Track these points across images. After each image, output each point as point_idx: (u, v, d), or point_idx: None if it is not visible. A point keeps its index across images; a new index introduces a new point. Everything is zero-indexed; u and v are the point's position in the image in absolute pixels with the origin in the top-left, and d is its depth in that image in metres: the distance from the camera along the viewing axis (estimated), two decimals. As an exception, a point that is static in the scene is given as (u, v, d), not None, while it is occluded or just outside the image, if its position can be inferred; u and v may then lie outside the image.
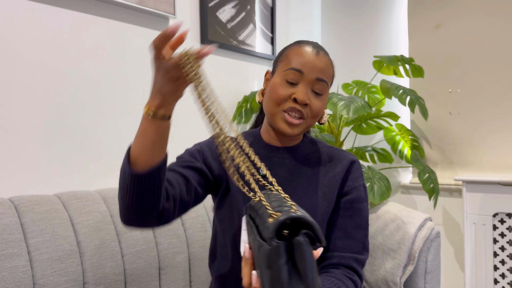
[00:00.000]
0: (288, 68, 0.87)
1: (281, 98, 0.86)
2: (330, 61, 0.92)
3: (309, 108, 0.87)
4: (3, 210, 0.97)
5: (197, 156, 0.92)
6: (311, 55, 0.87)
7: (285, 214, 0.54)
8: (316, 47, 0.90)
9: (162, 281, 1.21)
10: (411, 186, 2.14)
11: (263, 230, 0.56)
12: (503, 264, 1.75)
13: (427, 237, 1.23)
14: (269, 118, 0.90)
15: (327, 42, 2.43)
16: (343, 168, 0.94)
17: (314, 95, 0.88)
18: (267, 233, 0.53)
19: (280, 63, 0.91)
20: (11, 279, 0.91)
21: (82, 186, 1.30)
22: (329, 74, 0.90)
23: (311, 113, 0.88)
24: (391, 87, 1.73)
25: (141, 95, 1.48)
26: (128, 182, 0.69)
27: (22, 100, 1.17)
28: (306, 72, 0.86)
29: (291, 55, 0.89)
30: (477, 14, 1.92)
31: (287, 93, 0.86)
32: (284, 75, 0.87)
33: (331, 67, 0.91)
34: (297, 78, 0.86)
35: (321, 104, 0.89)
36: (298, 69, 0.86)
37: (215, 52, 1.78)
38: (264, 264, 0.54)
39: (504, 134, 1.87)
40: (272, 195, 0.66)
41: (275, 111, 0.88)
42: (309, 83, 0.87)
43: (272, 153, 0.94)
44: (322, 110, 0.90)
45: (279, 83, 0.87)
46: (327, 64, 0.89)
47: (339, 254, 0.89)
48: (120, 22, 1.42)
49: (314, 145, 0.99)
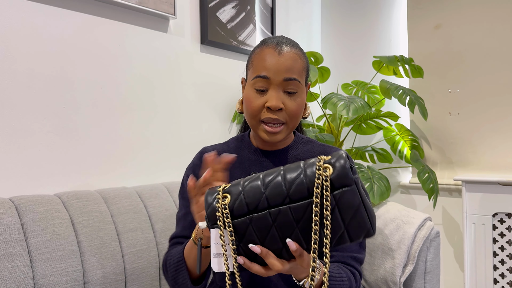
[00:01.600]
0: (254, 77, 0.86)
1: (255, 109, 0.86)
2: (297, 53, 0.88)
3: (285, 112, 0.86)
4: (3, 210, 0.97)
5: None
6: (274, 56, 0.85)
7: (335, 159, 0.62)
8: (279, 43, 0.87)
9: (162, 280, 1.21)
10: (410, 186, 2.14)
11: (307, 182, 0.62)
12: (503, 264, 1.75)
13: (426, 237, 1.23)
14: (251, 128, 0.91)
15: (327, 42, 2.43)
16: None
17: (287, 95, 0.86)
18: (343, 177, 0.60)
19: (248, 70, 0.91)
20: (11, 278, 0.91)
21: (82, 186, 1.30)
22: (298, 68, 0.87)
23: (289, 116, 0.86)
24: (391, 87, 1.73)
25: (141, 95, 1.48)
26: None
27: (22, 100, 1.18)
28: (272, 76, 0.84)
29: (255, 61, 0.88)
30: (477, 14, 1.92)
31: (260, 103, 0.85)
32: (252, 84, 0.86)
33: (299, 59, 0.87)
34: (265, 85, 0.85)
35: (296, 103, 0.87)
36: (263, 76, 0.85)
37: (215, 52, 1.78)
38: (349, 205, 0.60)
39: (503, 134, 1.87)
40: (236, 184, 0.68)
41: (253, 123, 0.88)
42: (278, 86, 0.85)
43: (263, 157, 0.94)
44: (300, 108, 0.88)
45: (250, 94, 0.87)
46: (294, 59, 0.86)
47: (337, 253, 0.90)
48: (120, 22, 1.42)
49: (306, 144, 0.97)
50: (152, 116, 1.52)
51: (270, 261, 0.64)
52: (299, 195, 0.62)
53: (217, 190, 0.67)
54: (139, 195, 1.26)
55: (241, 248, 0.65)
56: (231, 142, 1.00)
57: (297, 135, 0.99)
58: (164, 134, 1.57)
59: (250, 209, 0.64)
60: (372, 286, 1.30)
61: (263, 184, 0.64)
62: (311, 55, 1.94)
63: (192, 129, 1.68)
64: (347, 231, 0.62)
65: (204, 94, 1.73)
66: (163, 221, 1.25)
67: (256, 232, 0.64)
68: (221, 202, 0.64)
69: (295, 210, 0.62)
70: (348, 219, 0.61)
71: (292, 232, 0.63)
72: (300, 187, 0.62)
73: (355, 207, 0.61)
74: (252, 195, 0.64)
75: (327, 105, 1.67)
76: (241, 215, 0.64)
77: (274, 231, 0.63)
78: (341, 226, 0.62)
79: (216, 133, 1.79)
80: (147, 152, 1.50)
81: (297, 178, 0.63)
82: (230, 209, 0.64)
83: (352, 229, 0.62)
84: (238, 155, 0.96)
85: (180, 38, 1.63)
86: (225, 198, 0.65)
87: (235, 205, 0.64)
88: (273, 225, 0.63)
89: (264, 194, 0.63)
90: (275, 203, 0.63)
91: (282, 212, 0.62)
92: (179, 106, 1.63)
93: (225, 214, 0.64)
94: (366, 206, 0.61)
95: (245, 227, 0.64)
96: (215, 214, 0.65)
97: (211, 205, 0.65)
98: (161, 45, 1.56)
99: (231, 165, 0.91)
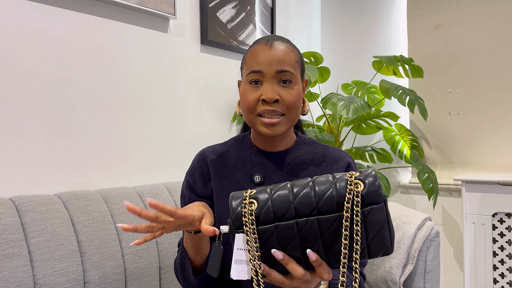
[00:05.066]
0: (249, 73, 0.86)
1: (251, 103, 0.86)
2: (289, 47, 0.88)
3: (282, 103, 0.85)
4: (3, 210, 0.97)
5: (189, 197, 0.97)
6: (265, 51, 0.86)
7: (366, 176, 0.64)
8: (270, 39, 0.88)
9: (162, 280, 1.22)
10: (410, 186, 2.14)
11: (329, 199, 0.64)
12: (503, 264, 1.75)
13: (426, 237, 1.23)
14: (250, 126, 0.90)
15: (327, 43, 2.43)
16: (340, 170, 0.93)
17: (282, 87, 0.86)
18: (373, 194, 0.62)
19: (242, 70, 0.91)
20: (11, 278, 0.91)
21: (82, 186, 1.30)
22: (291, 60, 0.87)
23: (286, 107, 0.86)
24: (391, 87, 1.73)
25: (141, 95, 1.48)
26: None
27: (22, 100, 1.18)
28: (265, 69, 0.85)
29: (248, 59, 0.88)
30: (477, 14, 1.92)
31: (255, 96, 0.85)
32: (247, 79, 0.87)
33: (291, 52, 0.88)
34: (260, 78, 0.86)
35: (293, 93, 0.86)
36: (256, 70, 0.85)
37: (216, 52, 1.79)
38: (376, 222, 0.62)
39: (503, 134, 1.87)
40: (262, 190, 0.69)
41: (251, 118, 0.88)
42: (272, 78, 0.85)
43: (265, 159, 0.93)
44: (297, 99, 0.87)
45: (245, 89, 0.87)
46: (285, 51, 0.86)
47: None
48: (120, 23, 1.42)
49: (308, 145, 0.96)
50: (152, 116, 1.52)
51: (292, 267, 0.64)
52: (327, 208, 0.63)
53: (243, 195, 0.67)
54: (139, 195, 1.27)
55: (261, 255, 0.65)
56: (231, 143, 1.00)
57: (299, 136, 0.98)
58: (164, 134, 1.57)
59: (276, 217, 0.64)
60: (372, 286, 1.30)
61: (291, 193, 0.65)
62: (311, 55, 1.94)
63: (192, 129, 1.68)
64: (368, 247, 0.63)
65: (204, 94, 1.74)
66: (163, 221, 1.25)
67: (279, 240, 0.64)
68: (248, 207, 0.65)
69: (323, 222, 0.63)
70: (371, 236, 0.63)
71: (314, 243, 0.64)
72: (330, 200, 0.63)
73: (380, 224, 0.62)
74: (280, 204, 0.64)
75: (327, 105, 1.67)
76: (266, 222, 0.64)
77: (297, 241, 0.64)
78: (364, 242, 0.63)
79: (216, 133, 1.79)
80: (147, 152, 1.50)
81: (327, 191, 0.64)
82: (256, 215, 0.64)
83: (373, 245, 0.63)
84: (240, 156, 0.95)
85: (180, 38, 1.63)
86: (252, 204, 0.65)
87: (261, 212, 0.64)
88: (298, 235, 0.64)
89: (293, 203, 0.64)
90: (303, 213, 0.64)
91: (309, 223, 0.63)
92: (179, 106, 1.63)
93: (250, 220, 0.64)
94: (389, 225, 0.63)
95: (269, 235, 0.64)
96: (240, 219, 0.65)
97: (237, 210, 0.65)
98: (161, 45, 1.56)
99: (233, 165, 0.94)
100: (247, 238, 0.64)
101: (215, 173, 0.94)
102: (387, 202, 0.65)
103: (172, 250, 1.24)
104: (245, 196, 0.66)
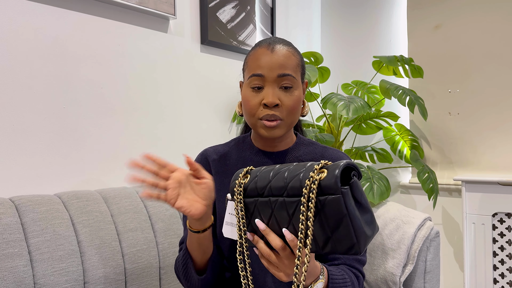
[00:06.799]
0: (250, 76, 0.88)
1: (253, 107, 0.88)
2: (290, 50, 0.89)
3: (282, 107, 0.87)
4: (3, 210, 0.97)
5: None
6: (266, 55, 0.87)
7: (334, 166, 0.62)
8: (272, 43, 0.89)
9: (162, 280, 1.22)
10: (410, 186, 2.14)
11: (296, 183, 0.65)
12: (503, 264, 1.75)
13: (426, 237, 1.23)
14: (252, 128, 0.92)
15: (327, 43, 2.43)
16: None
17: (283, 91, 0.87)
18: (330, 184, 0.61)
19: (244, 72, 0.93)
20: (11, 278, 0.91)
21: (82, 186, 1.30)
22: (292, 64, 0.88)
23: (286, 111, 0.87)
24: (391, 87, 1.73)
25: (141, 95, 1.48)
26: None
27: (22, 100, 1.18)
28: (266, 74, 0.86)
29: (249, 62, 0.90)
30: (477, 14, 1.92)
31: (256, 100, 0.87)
32: (248, 83, 0.88)
33: (292, 56, 0.89)
34: (261, 82, 0.87)
35: (292, 98, 0.88)
36: (258, 74, 0.87)
37: (216, 52, 1.79)
38: (333, 213, 0.61)
39: (503, 134, 1.87)
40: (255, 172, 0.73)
41: (252, 121, 0.90)
42: (273, 82, 0.87)
43: (265, 159, 0.95)
44: (296, 104, 0.89)
45: (247, 93, 0.89)
46: (286, 55, 0.88)
47: (343, 256, 0.90)
48: (120, 22, 1.42)
49: (308, 146, 0.98)
50: (151, 116, 1.52)
51: (271, 237, 0.67)
52: (293, 191, 0.65)
53: (245, 169, 0.74)
54: (139, 195, 1.27)
55: (251, 225, 0.72)
56: (232, 144, 1.02)
57: (298, 137, 1.00)
58: (164, 134, 1.57)
59: (259, 192, 0.70)
60: (372, 286, 1.30)
61: (272, 173, 0.70)
62: (311, 55, 1.94)
63: (192, 129, 1.68)
64: (332, 240, 0.62)
65: (204, 94, 1.74)
66: (163, 221, 1.25)
67: (261, 214, 0.69)
68: (240, 180, 0.72)
69: (288, 204, 0.66)
70: (333, 227, 0.61)
71: (289, 224, 0.66)
72: (295, 184, 0.65)
73: (340, 216, 0.60)
74: (261, 181, 0.70)
75: (327, 105, 1.67)
76: (251, 195, 0.71)
77: (274, 219, 0.68)
78: (326, 232, 0.62)
79: (216, 133, 1.79)
80: (146, 152, 1.50)
81: (296, 175, 0.66)
82: (245, 188, 0.71)
83: (336, 239, 0.62)
84: (241, 156, 0.97)
85: (180, 38, 1.63)
86: (246, 177, 0.73)
87: (249, 186, 0.71)
88: (273, 213, 0.68)
89: (270, 182, 0.69)
90: (276, 193, 0.68)
91: (279, 202, 0.67)
92: (179, 106, 1.63)
93: (239, 191, 0.71)
94: (352, 221, 0.60)
95: (252, 207, 0.70)
96: (233, 189, 0.73)
97: (234, 181, 0.73)
98: (161, 45, 1.56)
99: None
100: (234, 206, 0.72)
101: (216, 172, 0.96)
102: (357, 198, 0.62)
103: (172, 250, 1.24)
104: (245, 169, 0.74)
